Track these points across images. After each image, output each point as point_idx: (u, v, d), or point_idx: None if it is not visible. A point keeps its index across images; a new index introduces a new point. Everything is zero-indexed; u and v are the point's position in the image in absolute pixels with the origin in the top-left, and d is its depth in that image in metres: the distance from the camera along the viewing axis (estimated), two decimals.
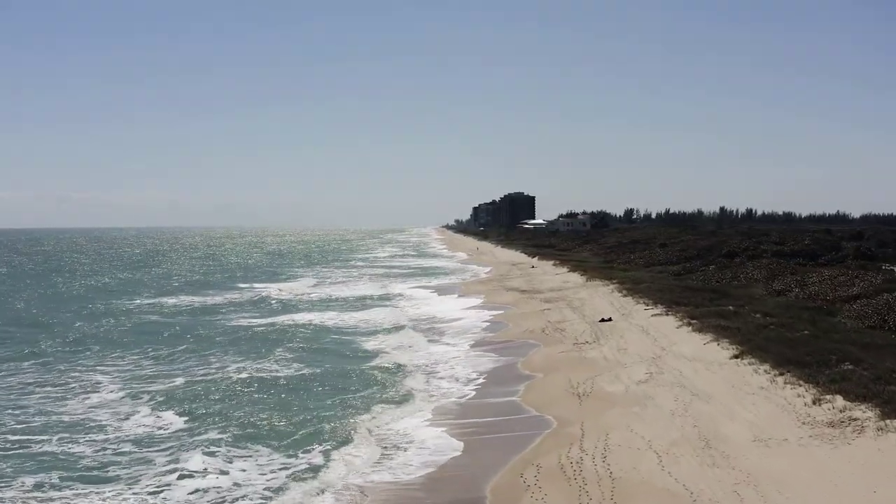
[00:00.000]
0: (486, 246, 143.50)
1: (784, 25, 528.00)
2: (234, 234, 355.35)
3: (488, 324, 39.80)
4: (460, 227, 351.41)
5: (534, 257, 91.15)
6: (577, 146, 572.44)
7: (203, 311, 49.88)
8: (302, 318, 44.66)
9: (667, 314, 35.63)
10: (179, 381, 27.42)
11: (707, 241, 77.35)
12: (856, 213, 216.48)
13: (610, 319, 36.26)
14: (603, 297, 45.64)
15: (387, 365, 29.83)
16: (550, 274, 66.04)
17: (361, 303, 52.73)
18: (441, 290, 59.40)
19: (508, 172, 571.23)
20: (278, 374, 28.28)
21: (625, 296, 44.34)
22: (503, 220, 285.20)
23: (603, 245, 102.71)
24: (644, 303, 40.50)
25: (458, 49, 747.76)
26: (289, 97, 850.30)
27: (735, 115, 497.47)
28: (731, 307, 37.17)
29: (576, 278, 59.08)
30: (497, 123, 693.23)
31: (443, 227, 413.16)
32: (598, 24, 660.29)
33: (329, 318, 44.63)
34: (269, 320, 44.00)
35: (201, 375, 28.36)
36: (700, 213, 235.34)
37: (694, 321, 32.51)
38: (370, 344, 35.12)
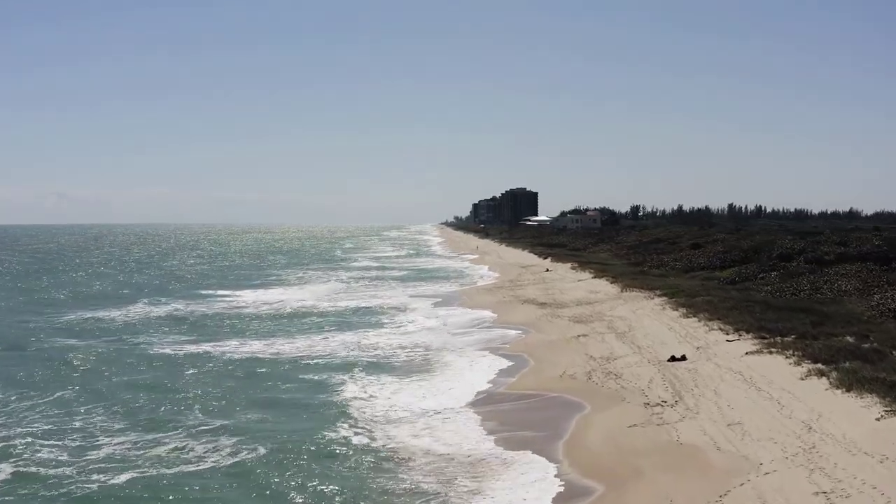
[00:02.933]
0: (489, 244, 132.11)
1: (781, 26, 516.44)
2: (235, 231, 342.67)
3: (500, 359, 28.53)
4: (460, 224, 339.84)
5: (546, 258, 79.88)
6: (575, 143, 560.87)
7: (146, 328, 38.99)
8: (257, 347, 33.47)
9: (768, 350, 24.44)
10: None
11: (749, 241, 66.01)
12: (868, 211, 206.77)
13: (683, 358, 25.03)
14: (654, 316, 34.44)
15: (341, 443, 18.68)
16: (571, 280, 54.81)
17: (341, 320, 41.42)
18: (440, 302, 48.05)
19: (506, 169, 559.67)
20: (166, 474, 17.02)
21: (685, 316, 33.14)
22: (505, 216, 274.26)
23: (622, 244, 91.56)
24: (720, 328, 29.34)
25: (457, 46, 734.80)
26: (288, 94, 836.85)
27: (733, 113, 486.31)
28: (849, 337, 26.13)
29: (605, 287, 47.83)
30: (495, 120, 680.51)
31: (441, 224, 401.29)
32: (599, 19, 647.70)
33: (295, 348, 33.36)
34: (207, 348, 32.82)
35: (30, 462, 17.13)
36: (707, 209, 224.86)
37: (824, 367, 21.30)
38: (330, 398, 23.85)
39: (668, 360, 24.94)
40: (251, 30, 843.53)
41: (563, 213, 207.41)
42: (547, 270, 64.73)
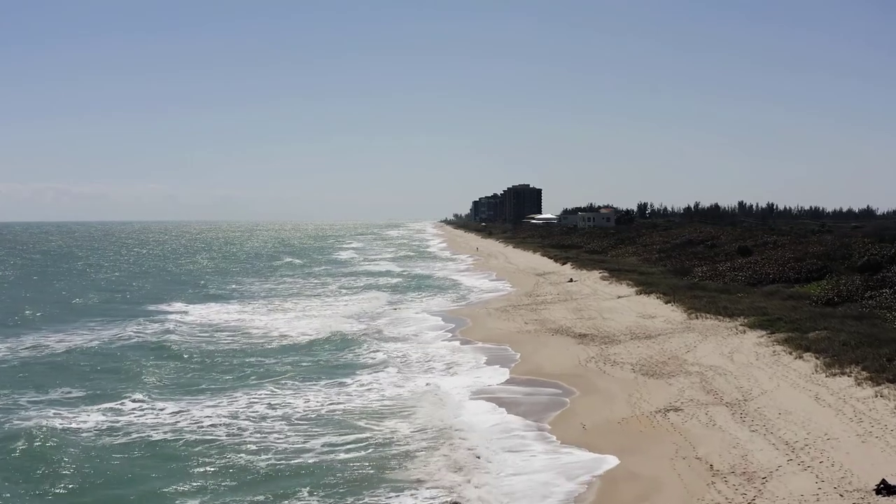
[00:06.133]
0: (492, 245, 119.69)
1: (782, 23, 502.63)
2: (239, 229, 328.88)
3: (544, 470, 16.49)
4: (459, 223, 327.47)
5: (564, 263, 67.75)
6: (574, 141, 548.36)
7: (36, 371, 27.61)
8: (164, 414, 21.79)
9: None
10: None
11: (819, 246, 54.01)
12: (882, 209, 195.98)
13: (890, 491, 13.12)
14: (767, 366, 22.52)
15: None
16: (607, 296, 42.85)
17: (306, 363, 29.53)
18: (439, 333, 35.67)
19: (505, 167, 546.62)
20: None
21: (825, 370, 21.21)
22: (507, 214, 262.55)
23: (648, 247, 79.51)
24: None
25: (455, 45, 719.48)
26: (287, 92, 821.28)
27: (731, 113, 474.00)
28: None
29: (660, 308, 35.92)
30: (494, 118, 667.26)
31: (441, 221, 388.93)
32: (596, 18, 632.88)
33: (209, 420, 21.56)
34: (96, 417, 21.18)
35: None
36: (718, 206, 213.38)
37: None
38: None
39: (878, 492, 13.02)
40: (251, 29, 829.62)
41: (566, 211, 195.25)
42: (571, 280, 52.73)
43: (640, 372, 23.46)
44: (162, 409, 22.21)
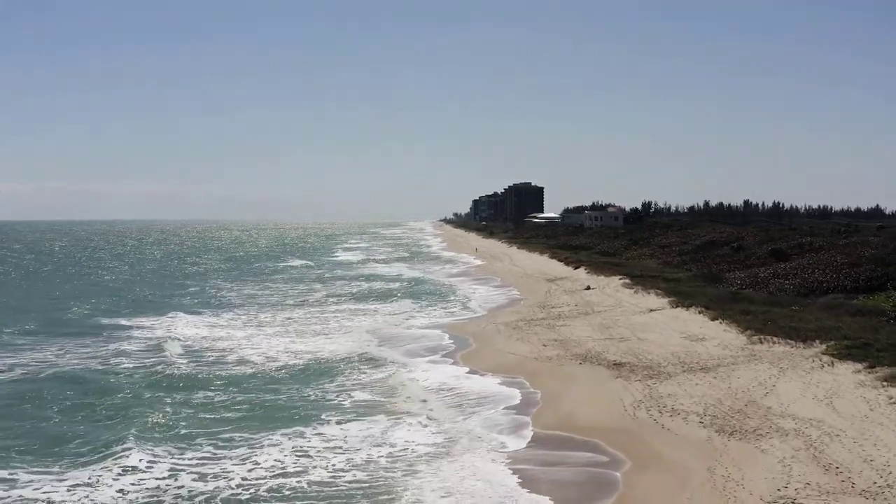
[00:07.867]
0: (495, 246, 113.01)
1: (783, 29, 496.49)
2: (244, 228, 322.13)
3: None
4: (459, 222, 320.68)
5: (576, 267, 61.32)
6: (573, 141, 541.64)
7: None
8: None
9: None
10: None
11: (869, 249, 47.67)
12: (889, 209, 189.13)
13: None
14: (889, 422, 16.28)
15: None
16: (634, 308, 36.54)
17: (258, 399, 23.31)
18: (435, 349, 29.40)
19: (505, 167, 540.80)
20: None
21: None
22: (508, 213, 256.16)
23: (666, 248, 73.26)
24: None
25: (455, 47, 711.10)
26: (287, 93, 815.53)
27: (731, 113, 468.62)
28: None
29: (707, 326, 29.59)
30: (494, 118, 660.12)
31: (440, 220, 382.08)
32: (587, 25, 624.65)
33: None
34: None
35: None
36: (728, 206, 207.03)
37: None
38: None
39: None
40: (251, 22, 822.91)
41: (567, 210, 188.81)
42: (588, 288, 46.36)
43: (714, 427, 17.13)
44: (62, 480, 16.05)
